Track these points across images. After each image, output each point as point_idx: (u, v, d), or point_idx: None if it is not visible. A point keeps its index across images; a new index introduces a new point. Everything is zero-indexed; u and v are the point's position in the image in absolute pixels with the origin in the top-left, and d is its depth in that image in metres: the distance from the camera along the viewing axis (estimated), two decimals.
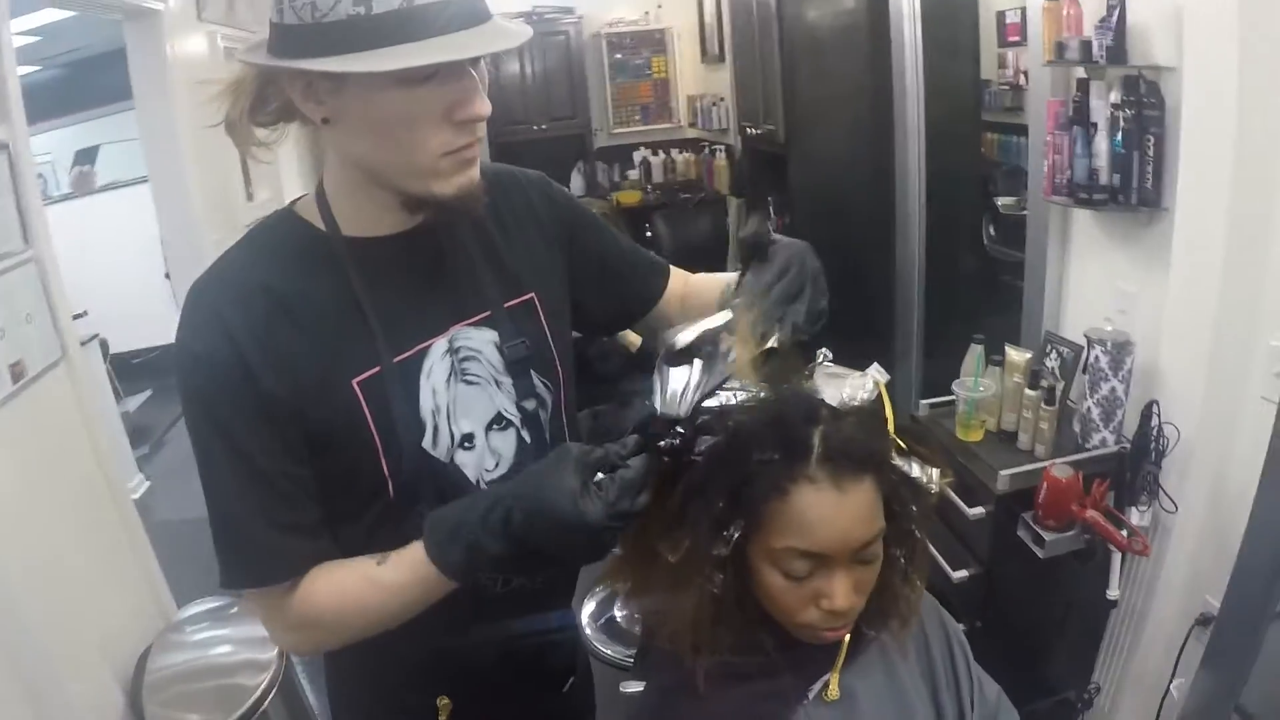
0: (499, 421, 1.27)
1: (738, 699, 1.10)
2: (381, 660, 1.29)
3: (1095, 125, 2.35)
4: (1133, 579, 2.40)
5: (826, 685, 1.12)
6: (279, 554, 1.12)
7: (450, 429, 1.22)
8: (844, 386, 1.08)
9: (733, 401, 1.05)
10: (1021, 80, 3.96)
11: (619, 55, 6.98)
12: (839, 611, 1.03)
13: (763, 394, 1.06)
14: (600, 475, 1.01)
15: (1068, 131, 2.40)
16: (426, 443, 1.20)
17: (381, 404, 1.15)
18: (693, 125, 6.92)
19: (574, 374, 1.39)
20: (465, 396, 1.23)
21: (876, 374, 1.12)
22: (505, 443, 1.27)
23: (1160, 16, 2.14)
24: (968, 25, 3.84)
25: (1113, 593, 2.25)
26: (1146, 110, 2.20)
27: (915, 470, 1.09)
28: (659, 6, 6.76)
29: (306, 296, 1.13)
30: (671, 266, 1.56)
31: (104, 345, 5.20)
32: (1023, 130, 5.10)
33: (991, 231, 4.70)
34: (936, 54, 3.54)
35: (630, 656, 2.83)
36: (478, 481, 1.25)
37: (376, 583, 1.11)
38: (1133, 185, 2.26)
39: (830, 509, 1.00)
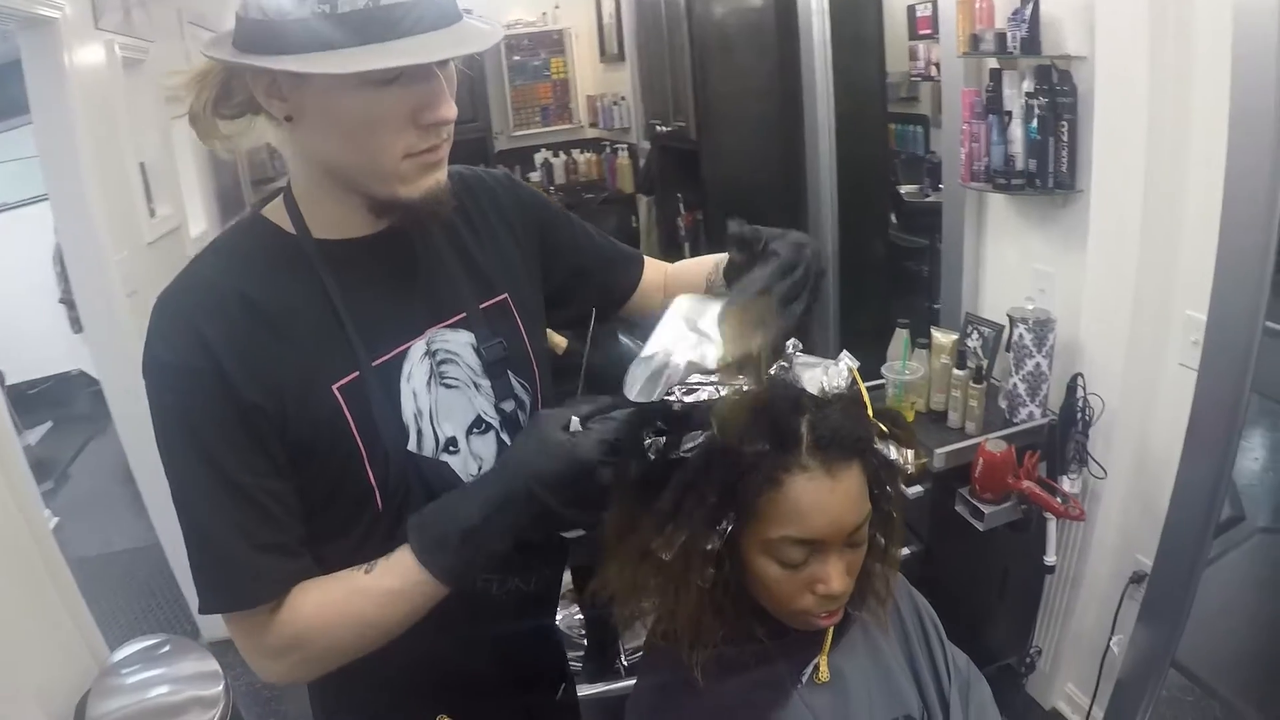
0: (479, 425, 1.23)
1: (735, 689, 1.12)
2: (373, 682, 1.22)
3: (1009, 113, 2.46)
4: (1066, 544, 2.52)
5: (817, 668, 1.15)
6: (260, 574, 1.05)
7: (435, 431, 1.18)
8: (821, 375, 1.11)
9: (716, 396, 1.06)
10: (933, 72, 4.09)
11: (517, 57, 6.94)
12: (834, 595, 1.05)
13: (745, 387, 1.07)
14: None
15: (984, 120, 2.50)
16: (412, 446, 1.16)
17: (363, 409, 1.11)
18: (593, 125, 6.92)
19: (550, 374, 1.36)
20: (445, 400, 1.20)
21: (849, 361, 1.14)
22: (486, 446, 1.24)
23: (1072, 8, 2.26)
24: (873, 19, 3.95)
25: (1050, 558, 2.36)
26: (1060, 98, 2.32)
27: (893, 453, 1.12)
28: (556, 7, 6.76)
29: (281, 302, 1.09)
30: (647, 257, 1.55)
31: None
32: (919, 120, 5.30)
33: (894, 219, 4.85)
34: (844, 48, 3.64)
35: (576, 660, 2.85)
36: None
37: (366, 593, 1.07)
38: (1049, 169, 2.37)
39: (823, 496, 1.02)
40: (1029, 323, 2.39)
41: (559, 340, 3.09)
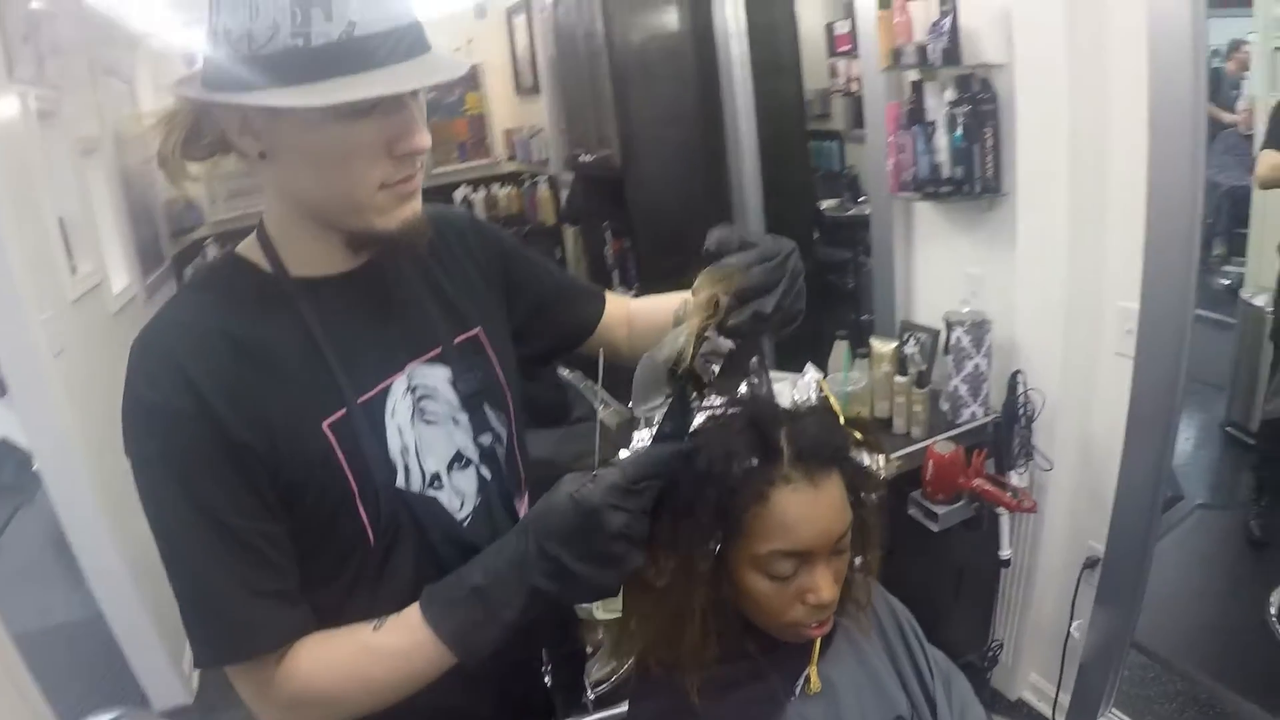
0: (459, 460, 1.23)
1: (731, 707, 1.13)
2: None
3: (933, 123, 2.53)
4: (1018, 537, 2.58)
5: (808, 679, 1.15)
6: (261, 623, 1.02)
7: (420, 467, 1.17)
8: (790, 389, 1.14)
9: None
10: (854, 87, 4.18)
11: (432, 94, 6.91)
12: (825, 604, 1.06)
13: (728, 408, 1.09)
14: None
15: (909, 131, 2.58)
16: (400, 483, 1.14)
17: (353, 446, 1.09)
18: (511, 159, 6.90)
19: (523, 410, 1.35)
20: (427, 436, 1.19)
21: (814, 373, 1.18)
22: (467, 482, 1.23)
23: (989, 18, 2.34)
24: (789, 40, 4.03)
25: (1005, 552, 2.42)
26: (982, 105, 2.40)
27: (866, 459, 1.14)
28: (469, 42, 6.74)
29: (264, 340, 1.07)
30: (609, 292, 1.54)
31: None
32: (833, 135, 5.40)
33: (815, 234, 4.93)
34: (763, 70, 3.71)
35: None
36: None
37: (373, 652, 1.05)
38: (975, 175, 2.45)
39: (809, 507, 1.03)
40: (965, 325, 2.46)
41: None
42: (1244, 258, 4.26)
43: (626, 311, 1.52)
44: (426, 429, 1.19)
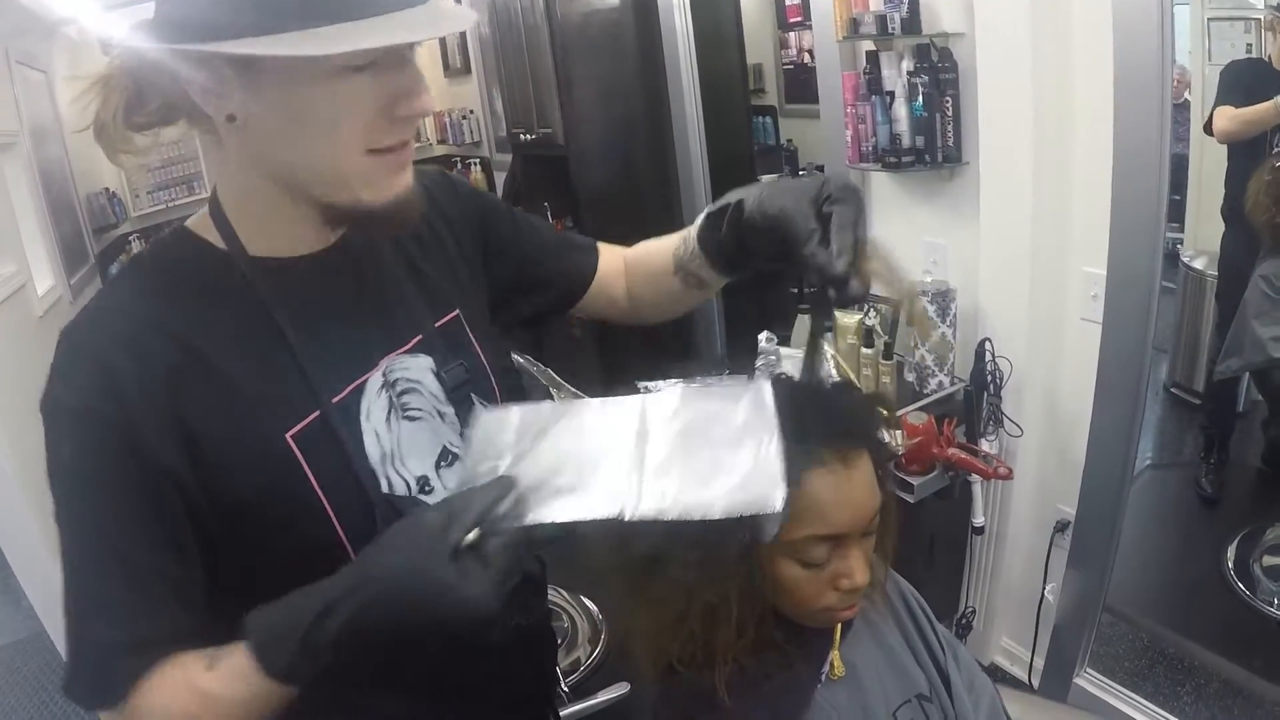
0: (445, 458, 1.09)
1: (761, 699, 1.09)
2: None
3: (891, 94, 2.52)
4: (989, 503, 2.59)
5: (831, 664, 1.13)
6: (124, 674, 0.86)
7: (403, 476, 1.04)
8: (815, 367, 1.09)
9: None
10: (806, 59, 4.16)
11: None
12: (859, 588, 1.03)
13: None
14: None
15: (868, 102, 2.56)
16: (385, 489, 1.02)
17: (323, 458, 0.96)
18: (442, 142, 6.81)
19: (510, 393, 1.21)
20: (409, 434, 1.06)
21: (827, 349, 1.15)
22: (454, 479, 1.06)
23: None
24: (731, 12, 4.00)
25: (979, 520, 2.42)
26: (942, 74, 2.39)
27: (885, 435, 1.12)
28: None
29: (215, 334, 0.94)
30: (601, 244, 1.41)
31: None
32: (768, 110, 5.39)
33: None
34: (706, 43, 3.67)
35: None
36: None
37: (206, 695, 0.85)
38: (936, 145, 2.45)
39: (843, 490, 1.01)
40: (930, 295, 2.45)
41: None
42: (1181, 223, 4.34)
43: (622, 263, 1.40)
44: (408, 426, 1.06)
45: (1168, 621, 2.80)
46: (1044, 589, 2.54)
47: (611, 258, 1.39)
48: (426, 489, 1.06)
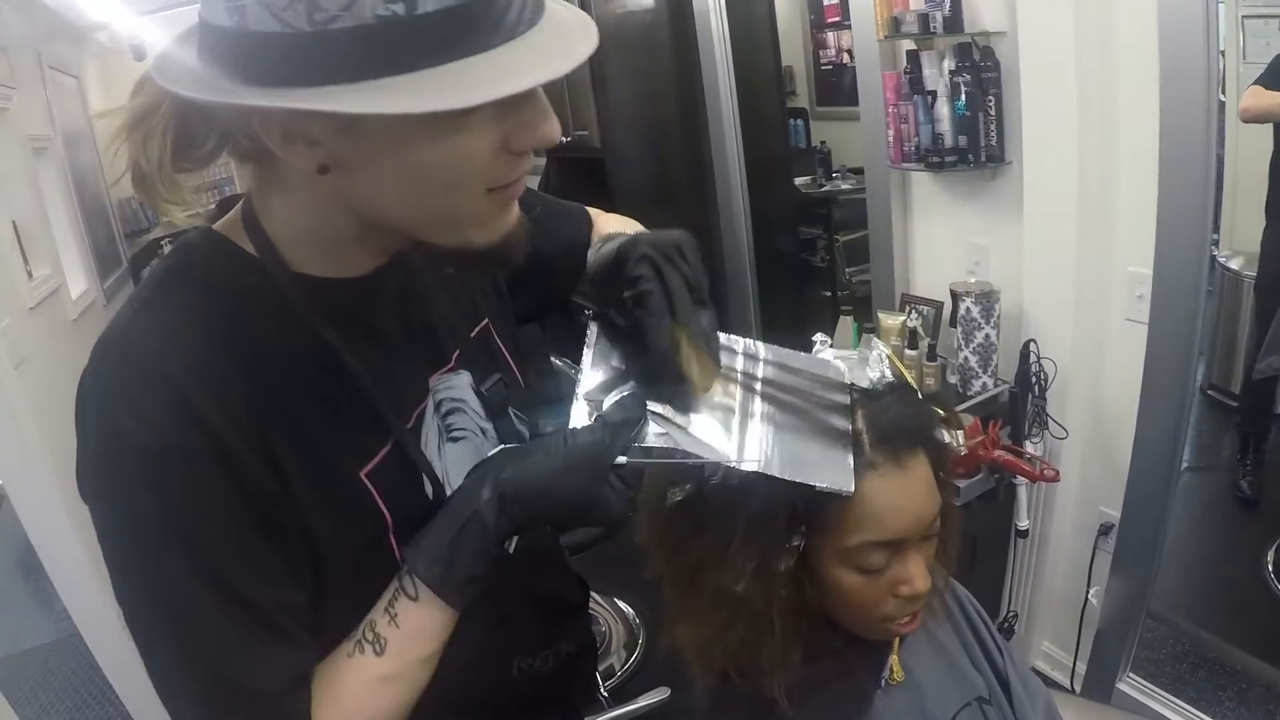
0: None
1: (820, 707, 1.07)
2: None
3: (933, 93, 2.51)
4: (1032, 506, 2.57)
5: (890, 670, 1.12)
6: (297, 714, 0.82)
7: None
8: (859, 368, 1.08)
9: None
10: (845, 59, 4.15)
11: None
12: (919, 595, 1.01)
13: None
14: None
15: (910, 101, 2.55)
16: None
17: (397, 494, 0.89)
18: None
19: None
20: (454, 457, 0.99)
21: (881, 348, 1.12)
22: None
23: None
24: (765, 12, 4.00)
25: (1023, 523, 2.41)
26: (984, 73, 2.38)
27: (946, 436, 1.10)
28: None
29: (276, 360, 0.83)
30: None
31: None
32: (799, 113, 5.38)
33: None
34: (741, 44, 3.66)
35: None
36: None
37: (391, 680, 0.86)
38: (979, 144, 2.43)
39: (900, 493, 0.98)
40: (974, 296, 2.44)
41: None
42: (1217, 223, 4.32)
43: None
44: (453, 448, 0.99)
45: (1209, 625, 2.77)
46: (1088, 592, 2.52)
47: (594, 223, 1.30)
48: None
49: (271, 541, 0.80)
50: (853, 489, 0.92)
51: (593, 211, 1.34)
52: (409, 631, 0.87)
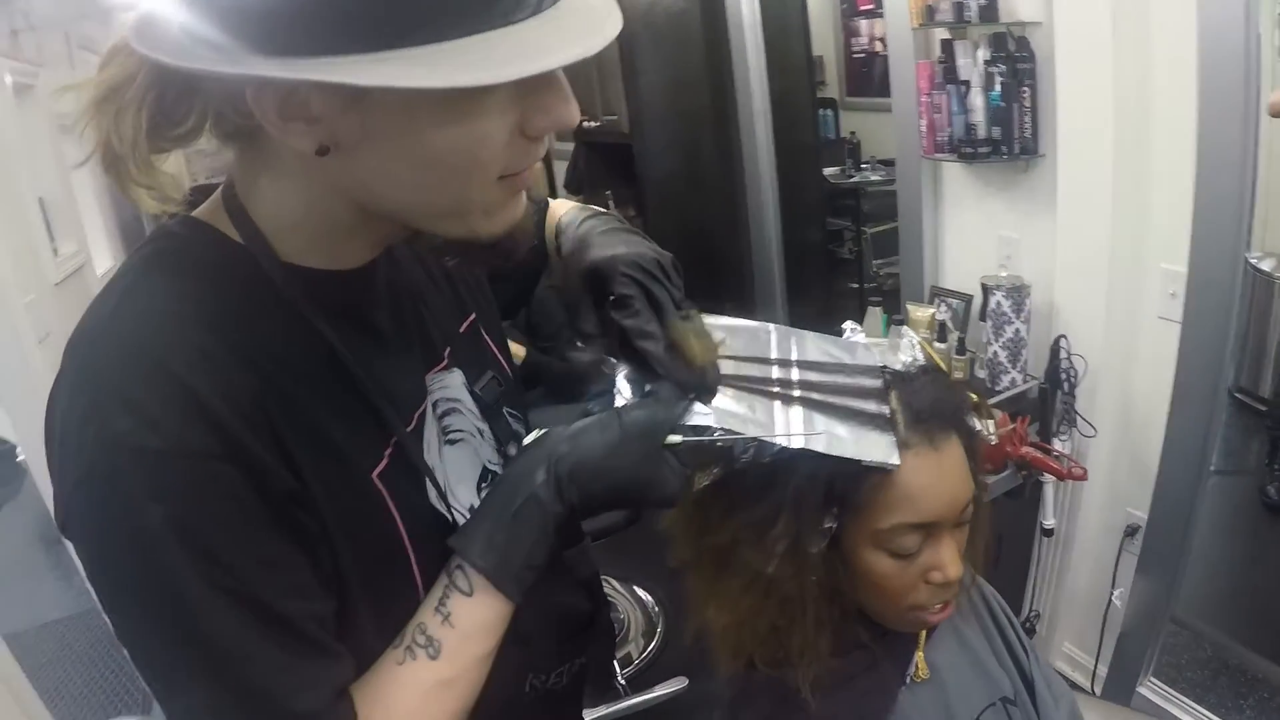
0: (485, 478, 0.97)
1: (844, 702, 1.06)
2: None
3: (967, 83, 2.47)
4: (1058, 505, 2.54)
5: (915, 666, 1.10)
6: None
7: (455, 509, 0.90)
8: (898, 352, 1.07)
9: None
10: (877, 48, 4.12)
11: None
12: (951, 582, 0.99)
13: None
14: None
15: (943, 91, 2.52)
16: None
17: (404, 497, 0.83)
18: None
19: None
20: (452, 459, 0.93)
21: (911, 335, 1.12)
22: None
23: None
24: (796, 2, 3.97)
25: (1049, 521, 2.38)
26: (1019, 64, 2.34)
27: (977, 424, 1.08)
28: None
29: (279, 354, 0.75)
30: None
31: None
32: (828, 103, 5.35)
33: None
34: (772, 32, 3.63)
35: None
36: None
37: (450, 684, 0.81)
38: (1013, 136, 2.39)
39: (934, 474, 0.97)
40: (1004, 289, 2.41)
41: (517, 349, 3.02)
42: None
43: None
44: (451, 451, 0.93)
45: (1232, 632, 2.73)
46: (1111, 594, 2.49)
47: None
48: None
49: (295, 546, 0.73)
50: (898, 462, 0.93)
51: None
52: (465, 629, 0.81)
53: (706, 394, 0.89)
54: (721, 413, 0.89)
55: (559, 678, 1.05)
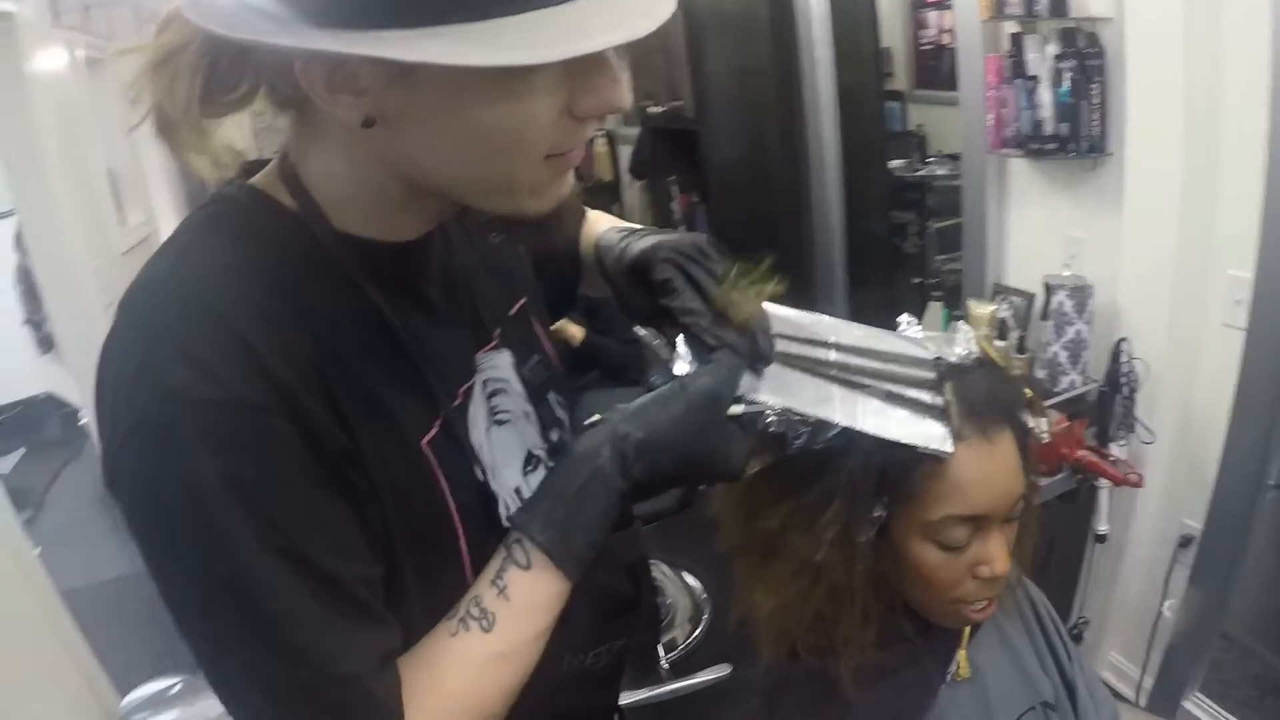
0: (530, 462, 0.96)
1: (885, 695, 1.06)
2: None
3: (1036, 78, 2.42)
4: (1112, 511, 2.50)
5: (957, 665, 1.10)
6: (390, 702, 0.74)
7: (499, 492, 0.90)
8: (953, 345, 1.06)
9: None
10: (945, 40, 4.06)
11: None
12: (998, 577, 0.99)
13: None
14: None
15: (1011, 85, 2.47)
16: (502, 512, 0.89)
17: (452, 469, 0.83)
18: None
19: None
20: (500, 441, 0.92)
21: (967, 330, 1.10)
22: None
23: None
24: None
25: (1103, 527, 2.33)
26: (1088, 60, 2.29)
27: (1030, 421, 1.07)
28: None
29: (333, 318, 0.76)
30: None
31: None
32: (896, 95, 5.26)
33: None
34: (841, 22, 3.59)
35: None
36: None
37: (503, 657, 0.80)
38: (1081, 133, 2.34)
39: (986, 466, 0.97)
40: (1067, 289, 2.37)
41: (575, 331, 3.03)
42: None
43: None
44: (499, 432, 0.93)
45: None
46: (1162, 605, 2.43)
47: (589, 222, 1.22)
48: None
49: (348, 506, 0.73)
50: (952, 449, 0.93)
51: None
52: (521, 604, 0.80)
53: (761, 360, 0.89)
54: (780, 389, 0.90)
55: (597, 658, 1.04)
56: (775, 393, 0.89)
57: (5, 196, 3.77)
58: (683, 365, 0.89)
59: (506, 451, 0.93)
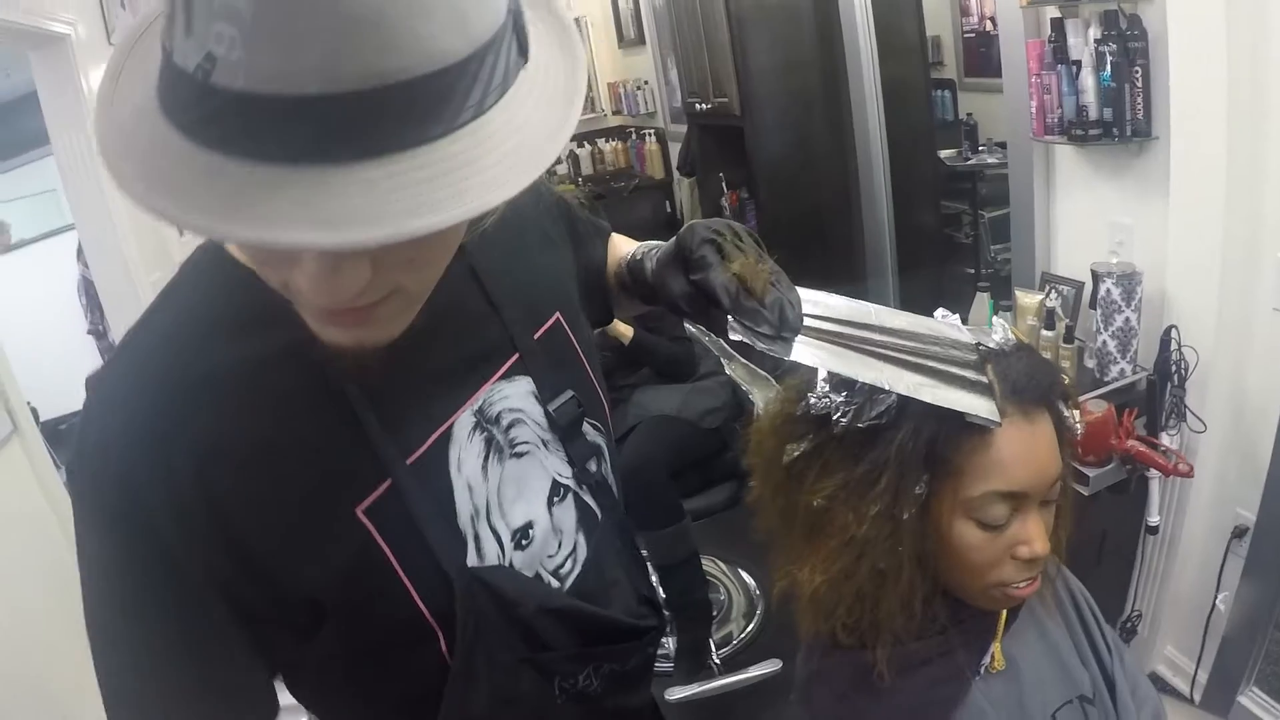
0: (557, 492, 0.96)
1: (918, 686, 1.06)
2: None
3: (1078, 63, 2.38)
4: (1164, 502, 2.45)
5: (992, 656, 1.09)
6: None
7: (495, 532, 0.89)
8: (991, 332, 1.08)
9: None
10: (988, 26, 4.01)
11: None
12: (1038, 558, 1.00)
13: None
14: None
15: (1053, 71, 2.43)
16: (471, 559, 0.87)
17: (399, 532, 0.80)
18: (616, 113, 6.84)
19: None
20: (515, 475, 0.91)
21: (1003, 321, 1.12)
22: (566, 515, 0.98)
23: None
24: None
25: (1154, 519, 2.29)
26: (1131, 43, 2.24)
27: (1065, 410, 1.08)
28: None
29: (265, 391, 0.76)
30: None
31: (35, 414, 4.92)
32: (946, 84, 5.21)
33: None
34: (884, 11, 3.56)
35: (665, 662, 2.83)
36: (537, 575, 0.94)
37: None
38: (1125, 118, 2.30)
39: (1026, 444, 0.99)
40: (1115, 277, 2.32)
41: (624, 330, 3.04)
42: None
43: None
44: (516, 465, 0.92)
45: None
46: (1216, 597, 2.38)
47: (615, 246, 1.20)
48: (525, 541, 0.93)
49: (205, 626, 0.77)
50: (1000, 420, 0.96)
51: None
52: None
53: (789, 330, 0.90)
54: (828, 360, 0.93)
55: (588, 680, 1.00)
56: (823, 364, 0.93)
57: (66, 210, 3.88)
58: (735, 332, 0.90)
59: (524, 484, 0.92)
